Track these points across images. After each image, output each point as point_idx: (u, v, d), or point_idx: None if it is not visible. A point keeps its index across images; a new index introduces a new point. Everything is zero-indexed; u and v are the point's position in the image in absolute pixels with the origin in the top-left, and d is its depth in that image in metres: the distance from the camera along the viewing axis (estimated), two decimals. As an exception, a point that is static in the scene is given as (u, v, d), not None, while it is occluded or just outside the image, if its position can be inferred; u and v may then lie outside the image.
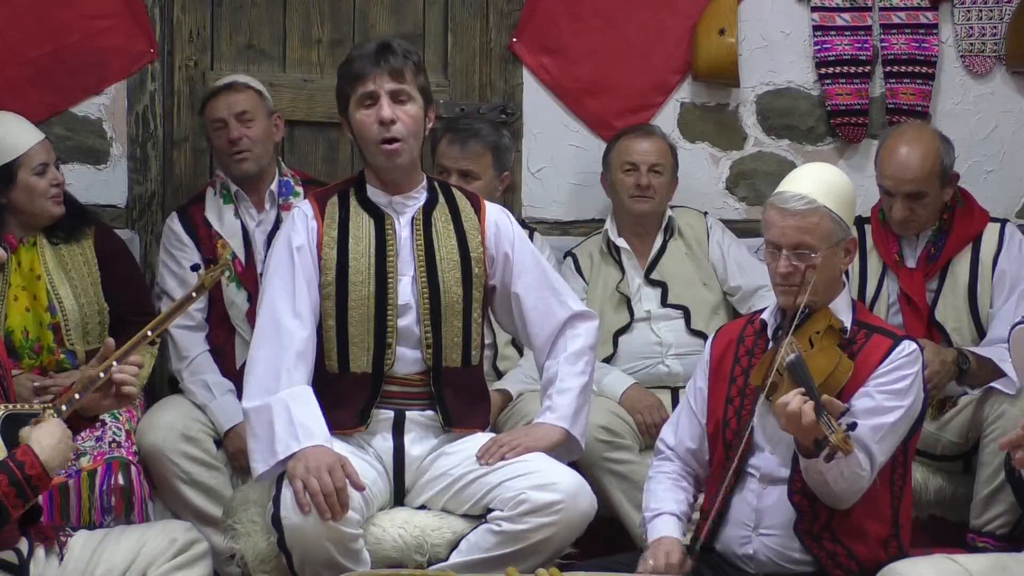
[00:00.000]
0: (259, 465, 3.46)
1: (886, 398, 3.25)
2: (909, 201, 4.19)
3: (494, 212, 3.78)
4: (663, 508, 3.47)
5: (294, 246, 3.60)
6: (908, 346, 3.31)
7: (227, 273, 3.49)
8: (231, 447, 4.15)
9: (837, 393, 3.19)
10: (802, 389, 3.10)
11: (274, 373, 3.50)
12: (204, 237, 4.35)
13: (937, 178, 4.20)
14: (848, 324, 3.35)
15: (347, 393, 3.60)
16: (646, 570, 3.31)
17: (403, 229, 3.66)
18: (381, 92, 3.57)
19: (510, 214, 3.87)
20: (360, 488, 3.40)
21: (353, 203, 3.67)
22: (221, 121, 4.35)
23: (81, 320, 4.14)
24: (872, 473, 3.23)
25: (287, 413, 3.44)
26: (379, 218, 3.65)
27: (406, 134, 3.59)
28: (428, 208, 3.70)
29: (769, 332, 3.42)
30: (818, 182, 3.35)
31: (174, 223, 4.38)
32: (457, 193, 3.78)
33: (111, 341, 3.17)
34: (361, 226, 3.64)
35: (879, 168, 4.27)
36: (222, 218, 4.37)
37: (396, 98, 3.59)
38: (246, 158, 4.34)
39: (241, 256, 4.33)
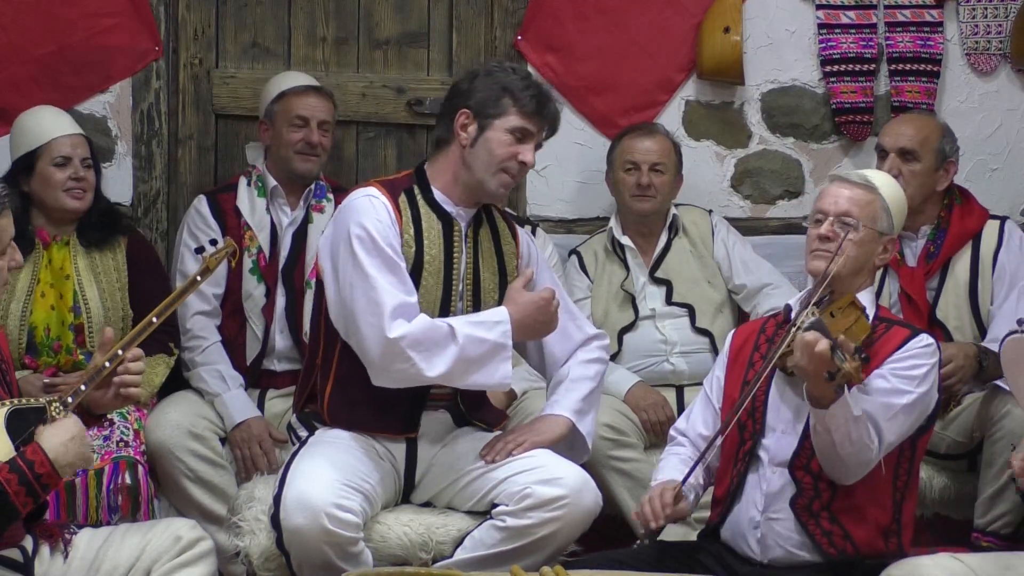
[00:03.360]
0: (503, 368, 3.48)
1: (900, 381, 3.31)
2: (900, 160, 4.23)
3: (524, 237, 3.80)
4: (667, 476, 3.50)
5: (387, 240, 3.49)
6: (925, 339, 3.38)
7: (232, 256, 3.38)
8: (238, 442, 4.14)
9: None
10: None
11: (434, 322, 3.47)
12: (232, 225, 4.34)
13: (932, 152, 4.25)
14: (870, 313, 3.40)
15: (395, 395, 3.53)
16: (638, 517, 3.39)
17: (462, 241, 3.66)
18: (536, 139, 3.61)
19: (531, 236, 3.91)
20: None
21: (421, 203, 3.62)
22: (303, 120, 4.37)
23: (105, 323, 4.12)
24: (879, 451, 3.25)
25: (468, 325, 3.46)
26: (447, 223, 3.63)
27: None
28: (476, 225, 3.69)
29: (793, 316, 3.46)
30: (883, 180, 3.53)
31: (201, 205, 4.38)
32: (497, 215, 3.76)
33: (110, 330, 3.18)
34: (432, 228, 3.60)
35: (879, 135, 4.37)
36: (254, 210, 4.37)
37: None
38: (315, 161, 4.38)
39: (266, 250, 4.32)
